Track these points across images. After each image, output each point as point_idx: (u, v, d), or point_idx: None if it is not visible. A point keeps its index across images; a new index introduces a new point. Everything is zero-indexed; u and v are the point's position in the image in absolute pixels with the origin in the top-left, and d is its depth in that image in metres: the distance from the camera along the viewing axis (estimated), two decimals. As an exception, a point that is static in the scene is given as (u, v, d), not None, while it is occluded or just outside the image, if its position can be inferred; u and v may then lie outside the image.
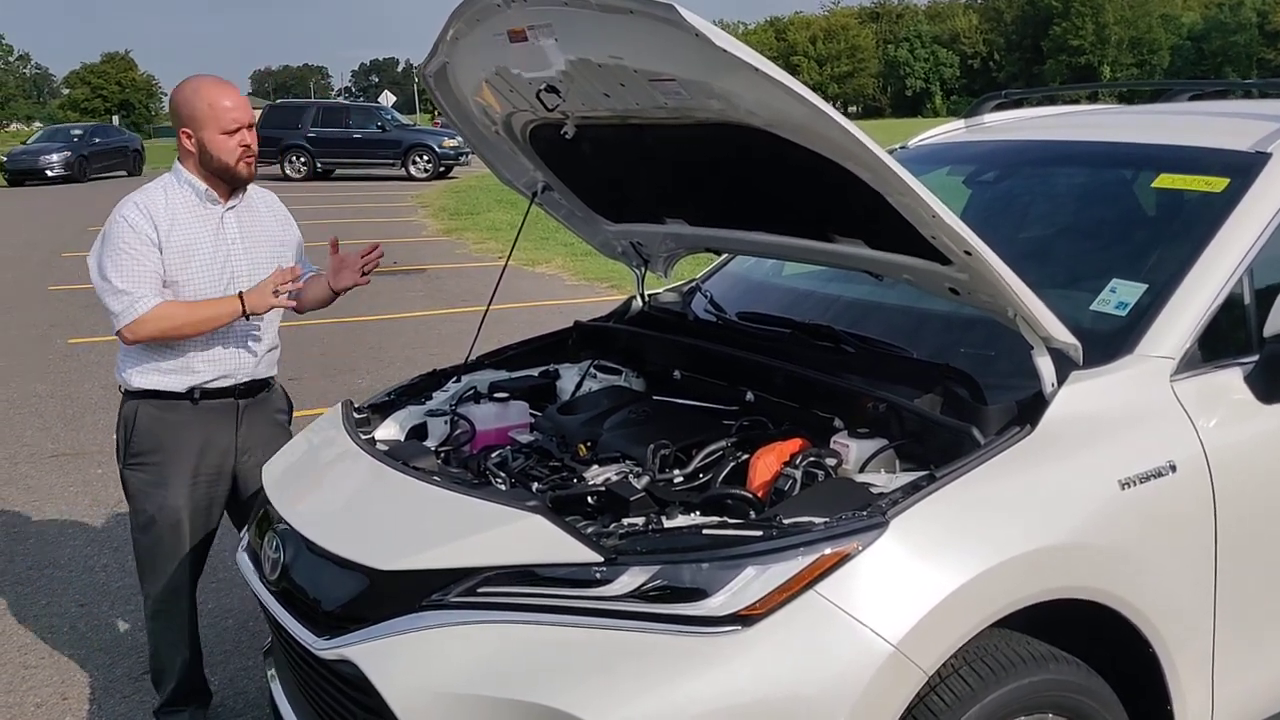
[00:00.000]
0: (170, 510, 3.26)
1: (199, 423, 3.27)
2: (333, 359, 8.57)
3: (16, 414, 7.33)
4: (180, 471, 3.26)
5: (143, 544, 3.33)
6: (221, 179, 3.23)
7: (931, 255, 2.40)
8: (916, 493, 2.14)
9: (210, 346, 3.23)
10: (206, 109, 3.16)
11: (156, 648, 3.43)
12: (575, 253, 13.40)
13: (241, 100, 3.22)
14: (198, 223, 3.21)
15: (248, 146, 3.20)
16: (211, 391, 3.27)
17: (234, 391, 3.30)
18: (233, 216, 3.28)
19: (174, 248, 3.15)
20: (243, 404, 3.33)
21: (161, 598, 3.36)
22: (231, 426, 3.32)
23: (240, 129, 3.18)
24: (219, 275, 3.22)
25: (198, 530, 3.32)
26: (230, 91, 3.22)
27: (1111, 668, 2.40)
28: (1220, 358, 2.56)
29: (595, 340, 3.54)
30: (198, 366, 3.24)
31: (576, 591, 2.11)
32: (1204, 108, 3.74)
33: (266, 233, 3.37)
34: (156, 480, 3.26)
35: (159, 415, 3.26)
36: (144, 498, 3.28)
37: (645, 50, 2.34)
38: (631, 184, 3.24)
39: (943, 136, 3.98)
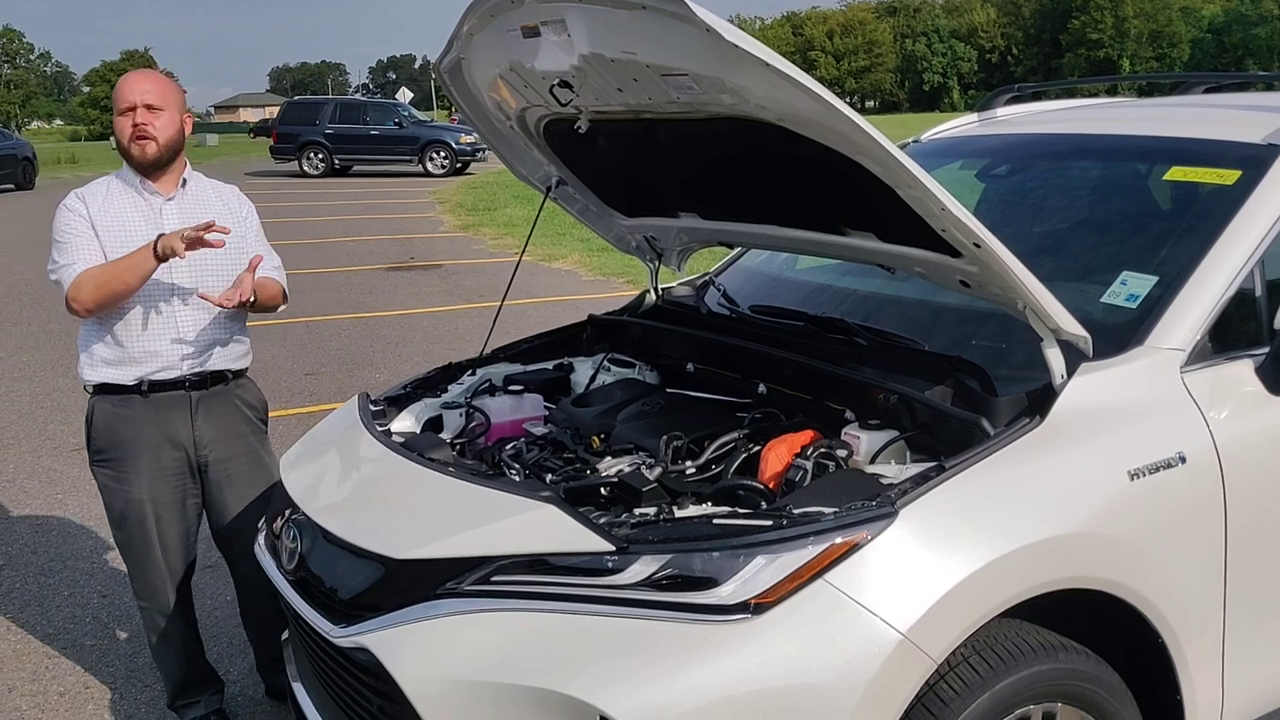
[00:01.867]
0: (135, 504, 3.27)
1: (152, 416, 3.26)
2: (350, 354, 8.62)
3: (39, 408, 7.41)
4: (140, 466, 3.26)
5: (119, 539, 3.36)
6: (130, 163, 3.21)
7: (942, 248, 2.42)
8: (926, 483, 2.16)
9: (147, 337, 3.21)
10: (113, 98, 3.20)
11: (151, 641, 3.47)
12: (591, 248, 13.44)
13: (146, 84, 3.18)
14: (135, 211, 3.22)
15: (138, 126, 3.15)
16: (160, 384, 3.25)
17: (184, 383, 3.27)
18: (173, 207, 3.26)
19: (109, 232, 3.15)
20: (195, 396, 3.29)
21: (144, 592, 3.38)
22: (186, 419, 3.29)
23: (133, 109, 3.15)
24: None
25: (170, 524, 3.31)
26: (137, 75, 3.22)
27: (1121, 657, 2.41)
28: (1231, 350, 2.57)
29: (609, 334, 3.57)
30: (139, 358, 3.22)
31: (589, 580, 2.14)
32: (1216, 100, 3.74)
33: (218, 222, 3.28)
34: (119, 476, 3.28)
35: (113, 410, 3.27)
36: (111, 494, 3.31)
37: (657, 45, 2.36)
38: (645, 178, 3.26)
39: (955, 130, 3.99)
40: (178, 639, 3.44)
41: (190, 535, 3.40)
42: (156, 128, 3.17)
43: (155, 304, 3.21)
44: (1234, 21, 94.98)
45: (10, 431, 6.89)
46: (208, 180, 3.43)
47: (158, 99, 3.18)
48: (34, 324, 10.36)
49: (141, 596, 3.40)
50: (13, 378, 8.28)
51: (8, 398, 7.70)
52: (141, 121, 3.15)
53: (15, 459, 6.35)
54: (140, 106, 3.15)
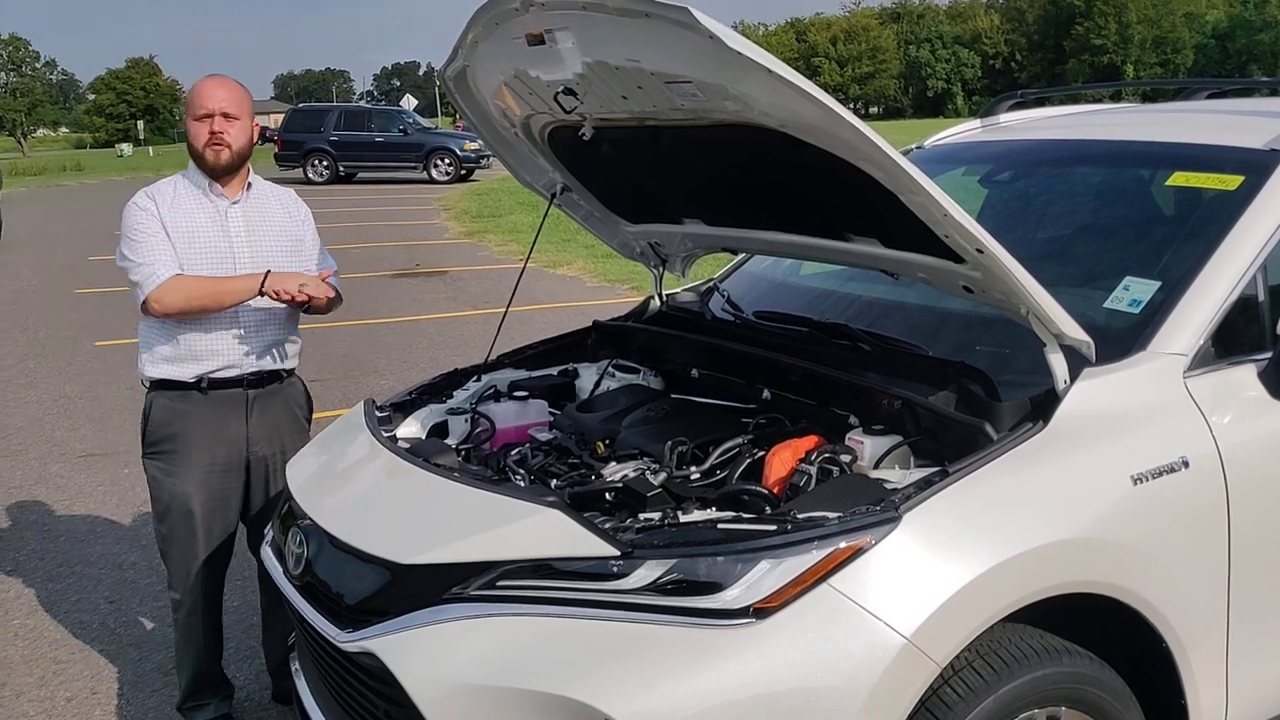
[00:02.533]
0: (182, 498, 3.33)
1: (209, 412, 3.34)
2: (356, 360, 8.64)
3: (46, 415, 7.44)
4: (192, 461, 3.33)
5: (160, 533, 3.43)
6: (202, 168, 3.31)
7: (945, 254, 2.42)
8: (929, 488, 2.17)
9: (211, 335, 3.30)
10: (190, 98, 3.30)
11: (176, 635, 3.51)
12: (596, 255, 13.45)
13: (222, 92, 3.28)
14: (201, 213, 3.31)
15: (215, 134, 3.25)
16: (219, 381, 3.34)
17: (242, 381, 3.36)
18: (238, 211, 3.36)
19: (176, 232, 3.25)
20: (252, 394, 3.39)
21: (178, 587, 3.43)
22: (241, 416, 3.38)
23: (210, 116, 3.25)
24: (220, 264, 3.28)
25: (213, 521, 3.38)
26: (214, 82, 3.30)
27: (1125, 661, 2.42)
28: (1234, 354, 2.58)
29: (614, 339, 3.58)
30: (201, 355, 3.30)
31: (594, 585, 2.14)
32: (1219, 106, 3.75)
33: (276, 228, 3.43)
34: (170, 469, 3.35)
35: (171, 405, 3.35)
36: (159, 486, 3.38)
37: (661, 52, 2.37)
38: (649, 185, 3.27)
39: (958, 136, 4.00)
40: (201, 638, 3.48)
41: (230, 535, 3.46)
42: (231, 135, 3.28)
43: None
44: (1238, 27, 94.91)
45: (17, 438, 6.92)
46: (268, 184, 3.52)
47: (233, 107, 3.29)
48: (40, 331, 10.39)
49: (175, 590, 3.44)
50: (20, 384, 8.31)
51: (15, 404, 7.73)
52: (218, 129, 3.26)
53: (23, 465, 6.37)
54: (217, 114, 3.26)
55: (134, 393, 7.82)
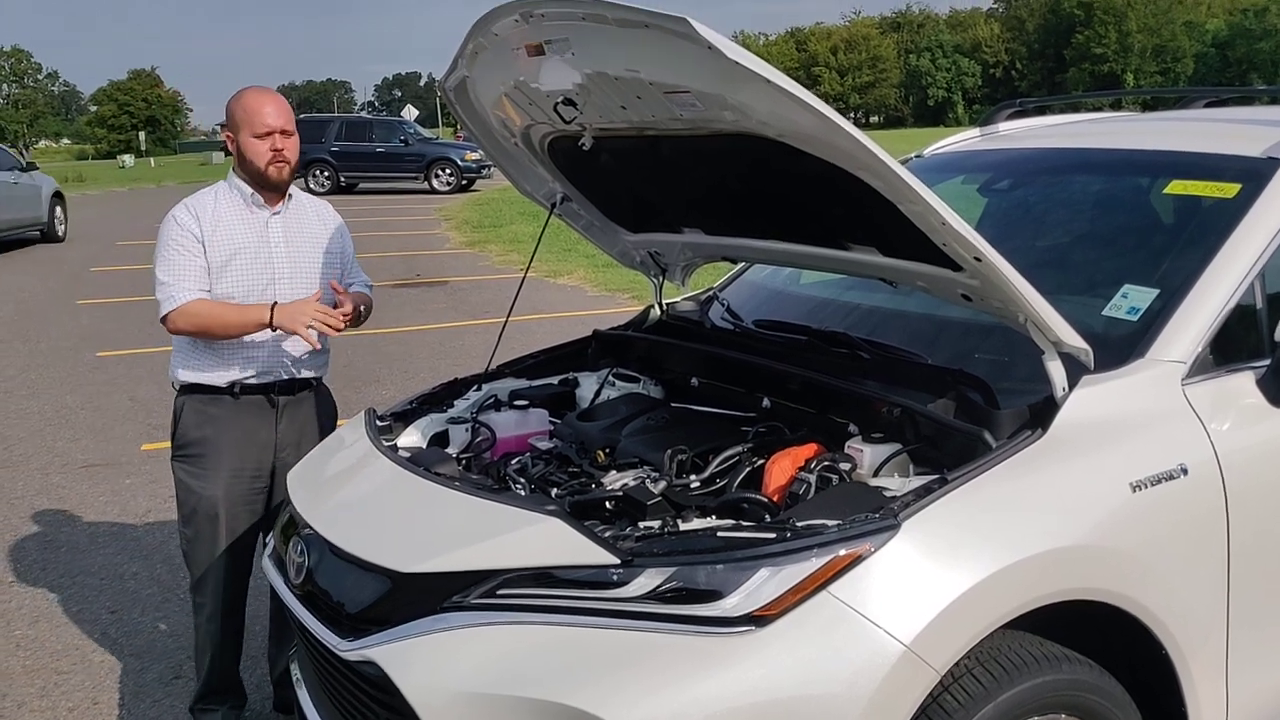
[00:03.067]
0: (209, 501, 3.36)
1: (239, 417, 3.38)
2: (357, 370, 8.65)
3: (48, 425, 7.45)
4: (221, 464, 3.37)
5: (185, 536, 3.45)
6: (256, 182, 3.35)
7: (943, 262, 2.43)
8: (928, 495, 2.17)
9: (246, 344, 3.35)
10: (243, 113, 3.31)
11: (196, 639, 3.53)
12: (597, 264, 13.47)
13: (280, 108, 3.34)
14: (242, 225, 3.35)
15: (279, 151, 3.31)
16: (251, 387, 3.38)
17: (273, 388, 3.41)
18: (278, 222, 3.41)
19: (217, 246, 3.29)
20: (282, 400, 3.43)
21: (201, 590, 3.45)
22: (271, 422, 3.42)
23: (272, 133, 3.30)
24: (259, 275, 3.34)
25: (239, 526, 3.41)
26: (270, 98, 3.35)
27: (1125, 669, 2.42)
28: (1232, 362, 2.58)
29: (614, 348, 3.58)
30: (236, 364, 3.36)
31: (594, 593, 2.15)
32: (1217, 114, 3.76)
33: (313, 239, 3.49)
34: (198, 472, 3.38)
35: (202, 409, 3.39)
36: (186, 489, 3.40)
37: (660, 63, 2.38)
38: (649, 194, 3.28)
39: (957, 145, 4.01)
40: (220, 642, 3.49)
41: (254, 541, 3.48)
42: (290, 152, 3.35)
43: None
44: (1238, 35, 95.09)
45: (19, 449, 6.93)
46: (305, 195, 3.57)
47: (290, 123, 3.36)
48: (43, 342, 10.41)
49: (198, 593, 3.46)
50: (22, 395, 8.32)
51: (17, 415, 7.74)
52: (280, 147, 3.31)
53: (25, 476, 6.38)
54: (278, 132, 3.30)
55: (135, 404, 7.86)
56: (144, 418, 7.52)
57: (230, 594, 3.47)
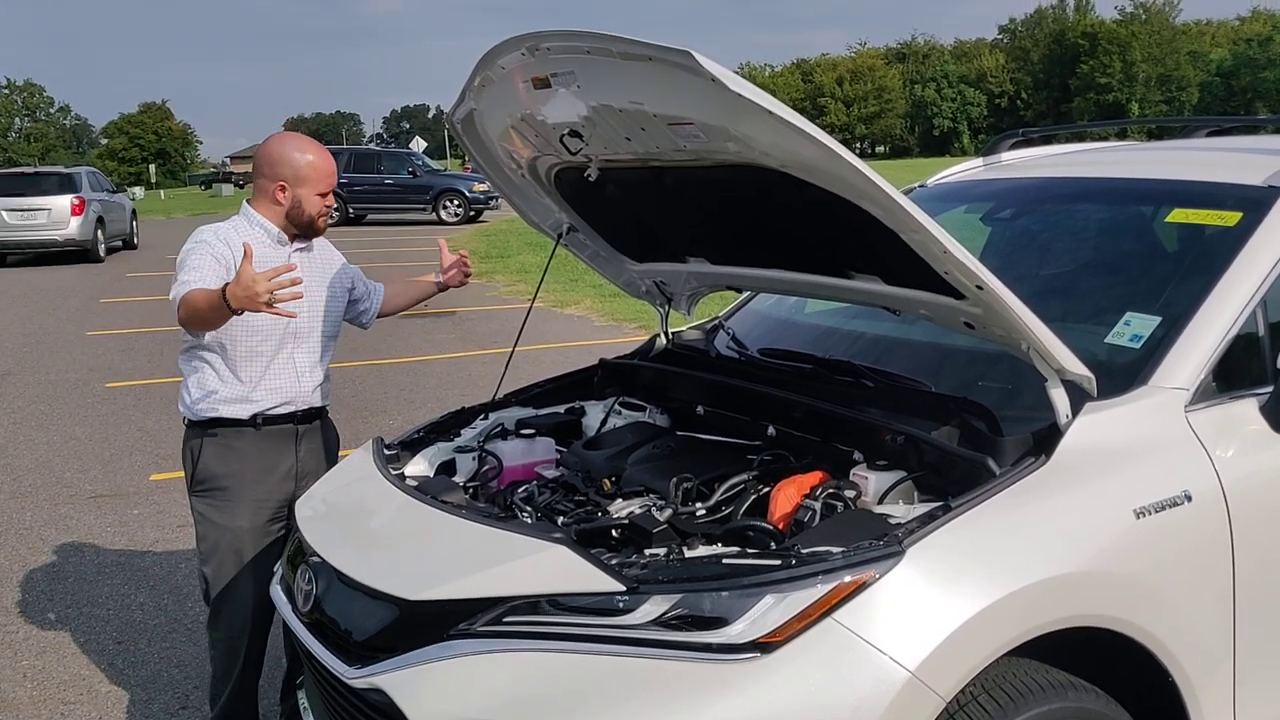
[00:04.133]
0: (234, 534, 3.36)
1: (261, 448, 3.40)
2: (364, 400, 8.68)
3: (56, 456, 7.47)
4: (244, 497, 3.38)
5: (205, 573, 3.44)
6: (300, 229, 3.45)
7: (946, 290, 2.45)
8: (932, 522, 2.18)
9: (270, 375, 3.39)
10: (310, 170, 3.40)
11: (215, 673, 3.50)
12: (604, 294, 13.51)
13: (334, 167, 3.49)
14: (265, 260, 3.32)
15: (330, 206, 3.49)
16: (274, 418, 3.41)
17: (294, 418, 3.45)
18: (299, 257, 3.46)
19: None
20: (301, 429, 3.47)
21: (221, 625, 3.43)
22: (292, 451, 3.45)
23: (329, 191, 3.46)
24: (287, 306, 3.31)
25: (261, 559, 3.39)
26: (330, 160, 3.49)
27: (1131, 697, 2.41)
28: (1235, 389, 2.59)
29: (620, 377, 3.60)
30: (258, 396, 3.38)
31: (600, 620, 2.16)
32: (1219, 144, 3.78)
33: (325, 274, 3.57)
34: (220, 506, 3.38)
35: (224, 442, 3.39)
36: (207, 524, 3.40)
37: (664, 95, 2.42)
38: (654, 224, 3.31)
39: (960, 175, 4.04)
40: (241, 678, 3.46)
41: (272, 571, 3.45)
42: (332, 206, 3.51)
43: (280, 346, 3.40)
44: (1242, 65, 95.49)
45: (28, 479, 6.95)
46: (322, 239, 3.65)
47: None
48: (51, 373, 10.45)
49: (220, 629, 3.44)
50: (30, 426, 8.35)
51: (26, 446, 7.77)
52: (331, 204, 3.49)
53: (33, 507, 6.39)
54: (331, 192, 3.47)
55: (144, 435, 7.89)
56: (152, 448, 7.55)
57: (255, 628, 3.44)
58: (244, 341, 3.34)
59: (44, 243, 21.34)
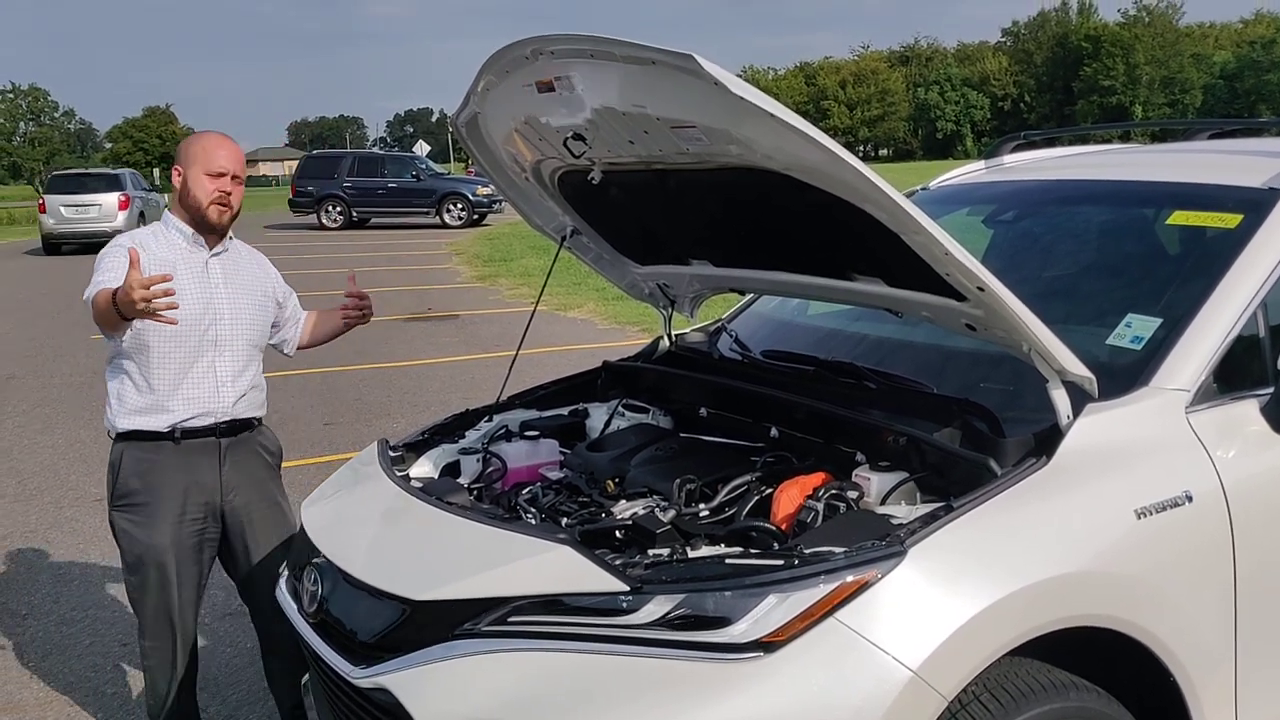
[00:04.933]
0: (155, 550, 3.31)
1: (181, 463, 3.33)
2: (368, 403, 8.69)
3: (61, 459, 7.50)
4: (166, 512, 3.32)
5: (133, 584, 3.40)
6: (195, 221, 3.35)
7: (947, 292, 2.46)
8: (934, 522, 2.19)
9: (186, 385, 3.31)
10: (201, 151, 3.34)
11: (149, 685, 3.49)
12: (607, 297, 13.53)
13: (236, 156, 3.37)
14: (183, 263, 3.33)
15: (225, 194, 3.32)
16: (192, 430, 3.34)
17: (215, 430, 3.37)
18: (217, 263, 3.40)
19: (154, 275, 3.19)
20: (224, 443, 3.39)
21: (154, 633, 3.40)
22: (215, 465, 3.37)
23: (224, 175, 3.32)
24: (201, 314, 3.31)
25: (186, 571, 3.36)
26: (229, 144, 3.38)
27: (1133, 697, 2.42)
28: (1236, 390, 2.60)
29: (623, 379, 3.62)
30: (173, 406, 3.31)
31: (603, 620, 2.17)
32: (1221, 146, 3.79)
33: (251, 280, 3.49)
34: (141, 521, 3.33)
35: (143, 456, 3.34)
36: (129, 539, 3.35)
37: (667, 98, 2.43)
38: (657, 227, 3.32)
39: (963, 178, 4.05)
40: (177, 689, 3.45)
41: (202, 583, 3.45)
42: (235, 199, 3.37)
43: (198, 354, 3.32)
44: (1246, 67, 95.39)
45: (33, 482, 6.97)
46: (239, 242, 3.57)
47: (241, 170, 3.39)
48: (55, 377, 10.48)
49: (148, 638, 3.42)
50: (35, 430, 8.38)
51: (30, 450, 7.79)
52: (228, 190, 3.34)
53: (38, 510, 6.42)
54: (229, 175, 3.33)
55: (149, 437, 7.89)
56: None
57: (182, 639, 3.41)
58: (157, 348, 3.28)
59: (95, 234, 23.58)
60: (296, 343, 3.73)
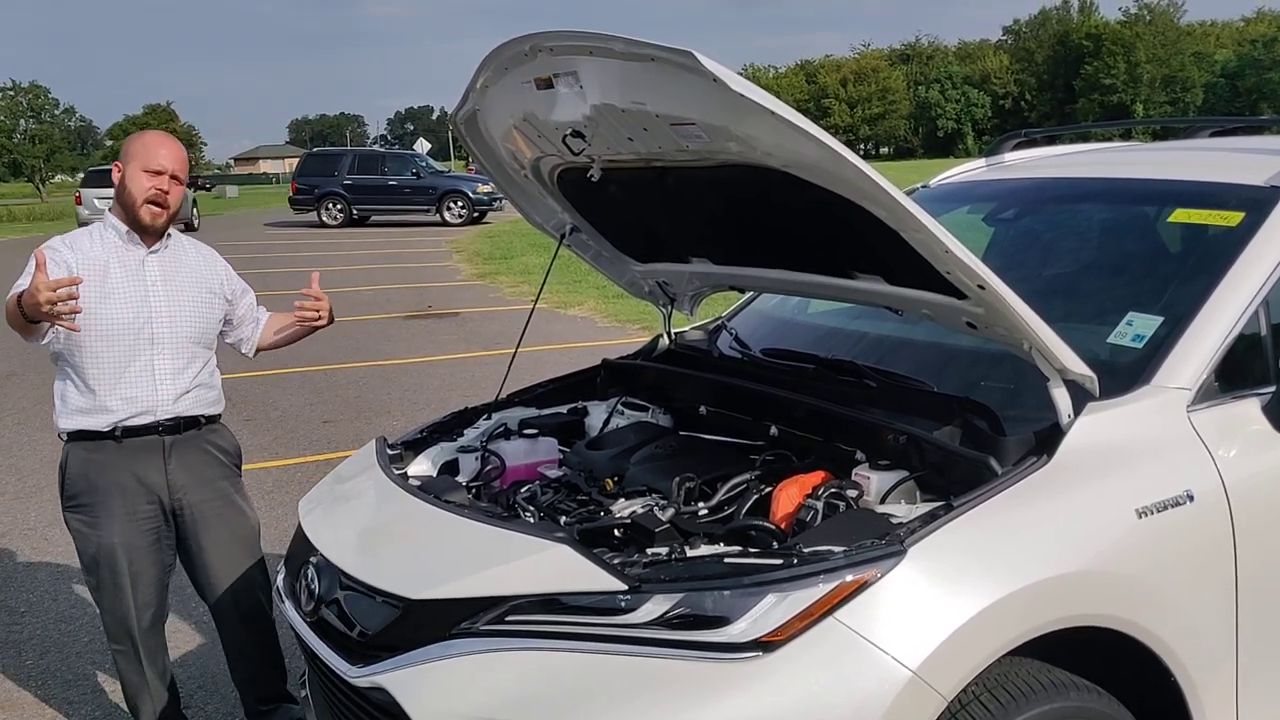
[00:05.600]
0: (107, 549, 3.30)
1: (124, 461, 3.31)
2: (367, 401, 8.68)
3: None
4: (112, 510, 3.30)
5: (91, 584, 3.40)
6: (129, 219, 3.31)
7: (948, 290, 2.45)
8: (934, 521, 2.18)
9: (123, 384, 3.28)
10: (141, 147, 3.30)
11: (123, 684, 3.48)
12: (607, 295, 13.52)
13: (177, 156, 3.31)
14: (117, 263, 3.30)
15: (162, 192, 3.27)
16: (134, 429, 3.31)
17: (157, 428, 3.33)
18: (155, 260, 3.36)
19: (92, 282, 3.18)
20: (168, 441, 3.35)
21: (116, 636, 3.40)
22: (159, 464, 3.34)
23: (162, 174, 3.27)
24: (136, 313, 3.28)
25: (143, 568, 3.34)
26: (170, 143, 3.33)
27: (1134, 697, 2.41)
28: (1237, 389, 2.59)
29: (623, 377, 3.61)
30: (112, 405, 3.28)
31: (602, 619, 2.16)
32: (1222, 144, 3.78)
33: (193, 277, 3.43)
34: (91, 520, 3.32)
35: (87, 456, 3.32)
36: (83, 539, 3.34)
37: (666, 95, 2.42)
38: (656, 225, 3.31)
39: (963, 175, 4.04)
40: (149, 682, 3.45)
41: (163, 580, 3.44)
42: (172, 200, 3.31)
43: (134, 352, 3.29)
44: (1247, 66, 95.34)
45: (32, 480, 6.97)
46: (187, 239, 3.53)
47: (181, 171, 3.32)
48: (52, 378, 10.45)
49: (114, 639, 3.42)
50: (35, 427, 8.37)
51: (30, 447, 7.78)
52: (165, 189, 3.27)
53: (37, 507, 6.41)
54: (168, 175, 3.27)
55: (148, 434, 7.89)
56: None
57: (146, 638, 3.40)
58: (89, 346, 3.25)
59: None
60: (255, 343, 3.66)
